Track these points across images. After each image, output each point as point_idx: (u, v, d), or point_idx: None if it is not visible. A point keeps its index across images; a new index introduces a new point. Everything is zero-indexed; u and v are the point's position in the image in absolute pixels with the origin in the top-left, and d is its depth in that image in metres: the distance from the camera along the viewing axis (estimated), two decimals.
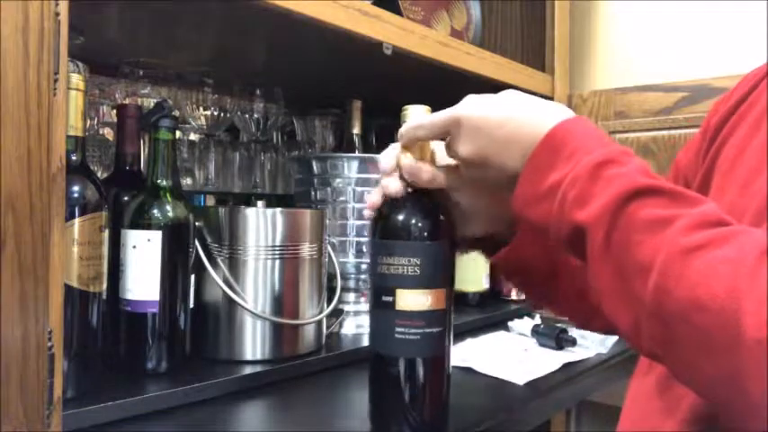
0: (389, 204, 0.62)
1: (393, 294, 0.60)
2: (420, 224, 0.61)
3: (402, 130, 0.62)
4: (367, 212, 0.64)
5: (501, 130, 0.55)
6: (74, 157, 0.66)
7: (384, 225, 0.61)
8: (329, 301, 0.92)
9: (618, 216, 0.46)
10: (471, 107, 0.58)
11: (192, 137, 1.22)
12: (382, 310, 0.61)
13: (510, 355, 0.96)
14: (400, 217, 0.61)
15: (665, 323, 0.43)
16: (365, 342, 0.93)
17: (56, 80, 0.52)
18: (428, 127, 0.60)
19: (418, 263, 0.60)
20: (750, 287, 0.39)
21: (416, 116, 0.62)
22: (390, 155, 0.63)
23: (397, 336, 0.60)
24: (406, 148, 0.62)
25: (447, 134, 0.59)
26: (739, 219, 0.54)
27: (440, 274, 0.61)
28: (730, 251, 0.42)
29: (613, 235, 0.46)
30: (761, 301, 0.38)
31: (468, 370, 0.87)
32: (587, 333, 1.00)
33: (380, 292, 0.60)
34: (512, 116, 0.55)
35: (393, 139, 0.64)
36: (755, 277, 0.39)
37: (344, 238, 1.02)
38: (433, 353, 0.61)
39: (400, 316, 0.60)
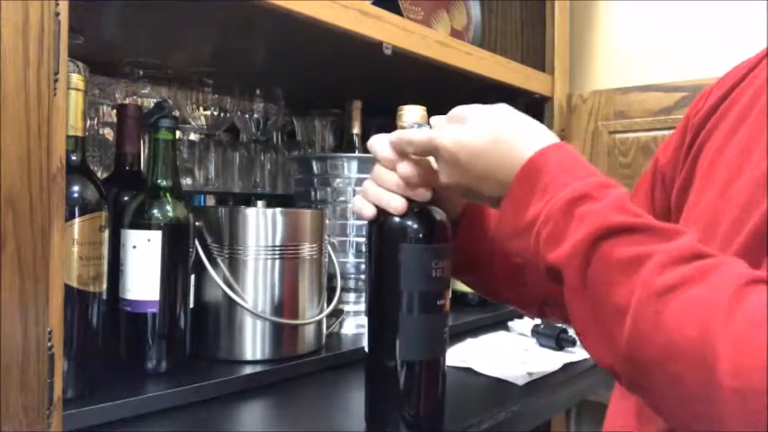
0: (414, 208, 0.61)
1: (444, 297, 0.60)
2: (447, 224, 0.62)
3: (393, 138, 0.61)
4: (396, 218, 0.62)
5: (478, 163, 0.54)
6: (74, 157, 0.66)
7: (429, 230, 0.60)
8: (329, 301, 0.92)
9: (591, 256, 0.45)
10: (447, 136, 0.56)
11: (192, 137, 1.22)
12: (433, 315, 0.60)
13: (510, 355, 0.96)
14: (437, 219, 0.61)
15: (641, 369, 0.42)
16: (365, 342, 0.93)
17: (56, 80, 0.52)
18: (415, 145, 0.59)
19: (451, 262, 0.62)
20: (724, 329, 0.38)
21: (409, 127, 0.62)
22: (384, 144, 0.62)
23: (444, 337, 0.61)
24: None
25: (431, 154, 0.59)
26: (719, 221, 0.54)
27: None
28: (704, 291, 0.40)
29: (588, 274, 0.46)
30: (735, 343, 0.37)
31: (468, 370, 0.87)
32: None
33: (435, 297, 0.60)
34: (487, 148, 0.54)
35: None
36: (729, 319, 0.38)
37: (344, 238, 1.02)
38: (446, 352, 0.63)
39: (448, 317, 0.62)
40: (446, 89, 1.22)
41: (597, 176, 0.50)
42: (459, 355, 0.92)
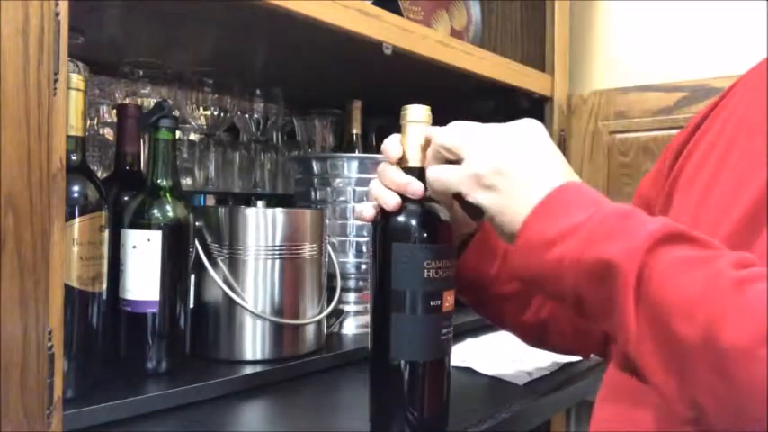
0: (412, 207, 0.60)
1: (441, 297, 0.60)
2: (449, 224, 0.62)
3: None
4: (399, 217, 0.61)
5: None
6: (74, 157, 0.66)
7: (424, 229, 0.60)
8: (329, 301, 0.92)
9: (653, 253, 0.43)
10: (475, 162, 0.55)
11: (192, 137, 1.22)
12: (429, 315, 0.59)
13: (510, 355, 0.95)
14: (437, 219, 0.61)
15: (722, 362, 0.39)
16: (365, 342, 0.93)
17: (56, 80, 0.52)
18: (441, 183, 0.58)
19: (453, 263, 0.61)
20: None
21: (417, 116, 0.61)
22: (396, 143, 0.62)
23: (442, 338, 0.61)
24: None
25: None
26: (699, 225, 0.54)
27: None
28: None
29: (647, 271, 0.43)
30: None
31: (468, 370, 0.87)
32: None
33: (429, 297, 0.59)
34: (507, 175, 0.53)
35: None
36: None
37: (344, 238, 1.02)
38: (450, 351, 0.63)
39: (446, 318, 0.61)
40: (446, 89, 1.22)
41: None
42: (459, 355, 0.92)
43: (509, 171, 0.53)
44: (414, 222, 0.60)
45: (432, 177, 0.58)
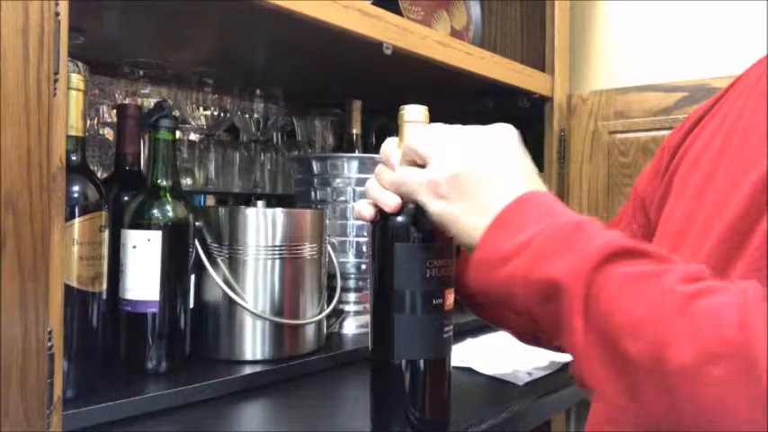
0: (411, 206, 0.60)
1: (442, 296, 0.60)
2: None
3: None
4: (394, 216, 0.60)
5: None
6: (74, 157, 0.66)
7: (425, 229, 0.59)
8: (329, 301, 0.92)
9: (600, 271, 0.42)
10: (437, 166, 0.54)
11: (192, 137, 1.22)
12: (431, 314, 0.59)
13: (510, 355, 0.95)
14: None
15: (669, 382, 0.38)
16: (365, 342, 0.93)
17: (56, 80, 0.52)
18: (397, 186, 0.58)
19: (453, 261, 0.61)
20: (763, 327, 0.36)
21: (414, 116, 0.61)
22: (393, 146, 0.61)
23: (444, 337, 0.60)
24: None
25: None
26: (691, 225, 0.54)
27: None
28: (731, 295, 0.39)
29: (594, 290, 0.42)
30: None
31: (468, 370, 0.87)
32: None
33: (431, 296, 0.59)
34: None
35: None
36: (765, 316, 0.36)
37: (344, 238, 1.02)
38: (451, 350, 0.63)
39: (447, 317, 0.61)
40: (446, 89, 1.22)
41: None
42: (459, 355, 0.92)
43: (464, 181, 0.52)
44: (414, 222, 0.59)
45: (395, 179, 0.58)
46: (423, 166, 0.56)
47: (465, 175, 0.52)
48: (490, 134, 0.54)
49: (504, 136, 0.54)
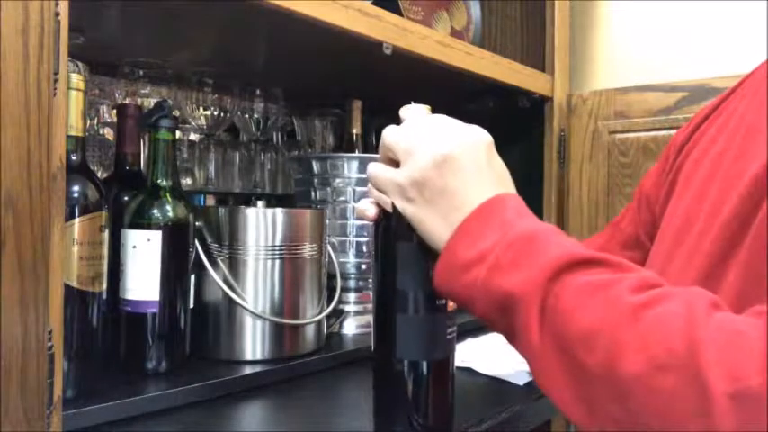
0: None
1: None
2: None
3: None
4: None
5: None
6: (74, 157, 0.66)
7: None
8: (329, 301, 0.92)
9: (555, 282, 0.43)
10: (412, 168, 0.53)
11: (192, 137, 1.22)
12: (435, 314, 0.59)
13: (510, 355, 0.95)
14: None
15: (622, 391, 0.39)
16: (365, 342, 0.93)
17: (56, 80, 0.52)
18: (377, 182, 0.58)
19: None
20: (708, 337, 0.37)
21: (416, 115, 0.61)
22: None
23: (447, 337, 0.60)
24: None
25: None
26: (692, 223, 0.54)
27: None
28: (679, 305, 0.39)
29: (549, 301, 0.43)
30: (721, 349, 0.36)
31: (468, 370, 0.87)
32: None
33: (435, 296, 0.58)
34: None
35: None
36: (710, 327, 0.37)
37: (344, 238, 1.02)
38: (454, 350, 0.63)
39: (450, 317, 0.60)
40: (446, 89, 1.22)
41: (549, 225, 0.50)
42: (459, 355, 0.92)
43: (429, 187, 0.52)
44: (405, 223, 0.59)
45: (369, 173, 0.58)
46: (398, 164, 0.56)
47: (430, 181, 0.52)
48: (461, 139, 0.54)
49: (476, 141, 0.54)
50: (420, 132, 0.55)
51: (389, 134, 0.57)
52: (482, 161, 0.53)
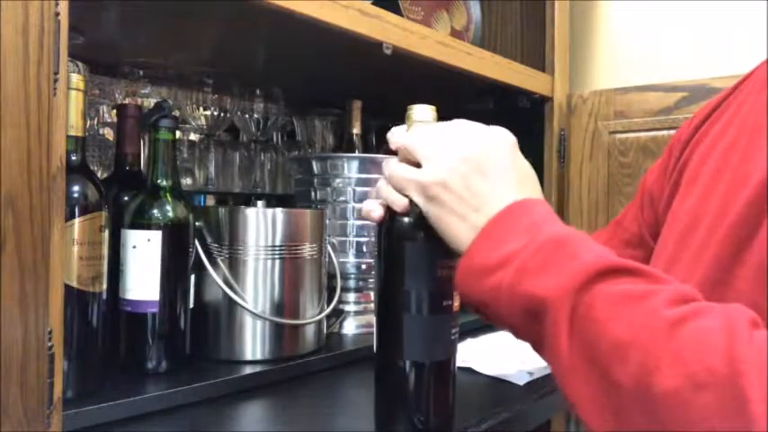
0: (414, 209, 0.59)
1: (452, 297, 0.59)
2: None
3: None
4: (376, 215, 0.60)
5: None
6: (74, 157, 0.66)
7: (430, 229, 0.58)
8: (329, 301, 0.92)
9: (586, 290, 0.42)
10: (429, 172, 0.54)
11: (192, 137, 1.22)
12: (441, 315, 0.58)
13: (510, 355, 0.95)
14: None
15: (654, 406, 0.38)
16: (365, 342, 0.93)
17: (56, 80, 0.52)
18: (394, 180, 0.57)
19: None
20: (749, 356, 0.35)
21: (422, 115, 0.61)
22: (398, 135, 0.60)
23: (452, 338, 0.60)
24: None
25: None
26: (698, 224, 0.54)
27: None
28: (718, 322, 0.38)
29: (580, 310, 0.41)
30: (763, 370, 0.35)
31: (468, 370, 0.87)
32: None
33: (442, 297, 0.58)
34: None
35: None
36: (751, 346, 0.36)
37: (344, 238, 1.02)
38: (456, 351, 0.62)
39: (455, 318, 0.60)
40: (446, 89, 1.22)
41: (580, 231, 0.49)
42: (459, 355, 0.92)
43: (453, 186, 0.52)
44: (425, 221, 0.57)
45: (387, 172, 0.58)
46: (418, 165, 0.56)
47: (453, 181, 0.52)
48: (485, 140, 0.54)
49: (499, 142, 0.54)
50: (444, 133, 0.55)
51: (412, 138, 0.57)
52: (506, 162, 0.53)
